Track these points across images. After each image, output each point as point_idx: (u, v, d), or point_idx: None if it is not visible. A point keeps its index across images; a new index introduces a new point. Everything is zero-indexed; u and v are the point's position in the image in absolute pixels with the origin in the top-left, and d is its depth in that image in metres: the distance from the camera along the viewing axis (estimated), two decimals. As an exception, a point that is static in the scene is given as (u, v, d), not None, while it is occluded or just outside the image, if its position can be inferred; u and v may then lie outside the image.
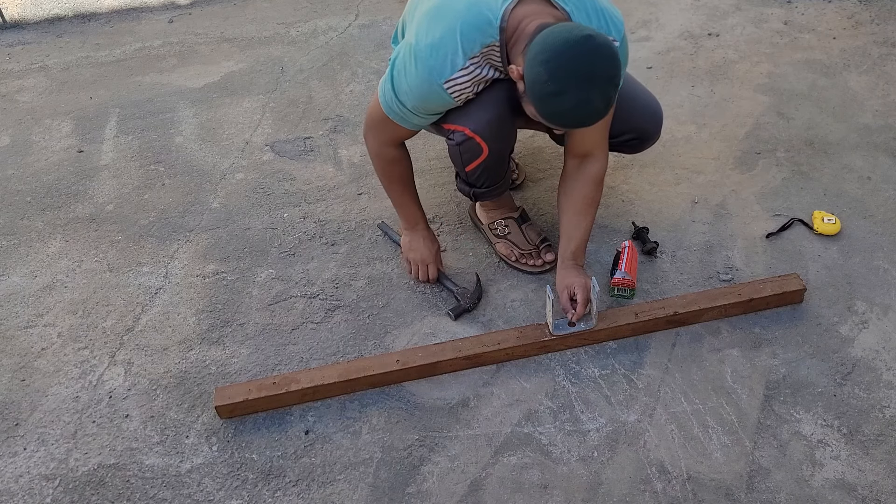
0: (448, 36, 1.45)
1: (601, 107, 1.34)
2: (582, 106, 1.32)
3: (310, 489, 1.49)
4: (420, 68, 1.48)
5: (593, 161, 1.71)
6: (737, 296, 1.74)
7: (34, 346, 1.81)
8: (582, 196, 1.73)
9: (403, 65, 1.52)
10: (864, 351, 1.69)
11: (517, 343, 1.67)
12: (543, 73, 1.31)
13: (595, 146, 1.70)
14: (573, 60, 1.29)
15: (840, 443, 1.51)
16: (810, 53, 2.72)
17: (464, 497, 1.46)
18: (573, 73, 1.29)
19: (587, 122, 1.38)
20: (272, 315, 1.85)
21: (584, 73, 1.29)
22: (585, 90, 1.31)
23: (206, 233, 2.10)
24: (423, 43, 1.47)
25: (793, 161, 2.23)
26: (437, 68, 1.47)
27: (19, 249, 2.09)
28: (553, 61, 1.29)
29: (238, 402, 1.59)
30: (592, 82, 1.30)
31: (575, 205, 1.73)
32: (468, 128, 1.59)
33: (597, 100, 1.32)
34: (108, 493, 1.50)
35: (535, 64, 1.32)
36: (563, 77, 1.30)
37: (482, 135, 1.60)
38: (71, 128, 2.58)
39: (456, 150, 1.65)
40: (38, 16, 3.34)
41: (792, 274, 1.80)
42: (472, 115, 1.58)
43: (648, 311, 1.72)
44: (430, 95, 1.52)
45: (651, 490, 1.45)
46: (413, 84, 1.51)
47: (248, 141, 2.46)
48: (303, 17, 3.22)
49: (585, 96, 1.31)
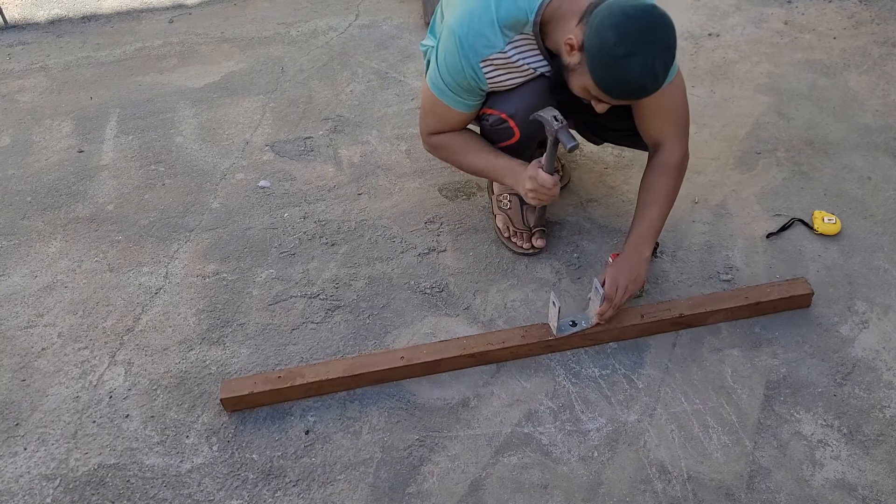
0: (485, 16, 1.50)
1: (661, 73, 1.39)
2: (647, 70, 1.37)
3: (310, 489, 1.49)
4: (456, 47, 1.54)
5: (665, 149, 1.70)
6: (743, 299, 1.73)
7: (34, 346, 1.81)
8: (652, 185, 1.71)
9: (445, 45, 1.58)
10: (864, 351, 1.69)
11: (522, 342, 1.67)
12: (612, 36, 1.35)
13: (661, 133, 1.70)
14: (641, 24, 1.35)
15: (840, 443, 1.51)
16: (810, 53, 2.72)
17: (464, 497, 1.46)
18: (641, 36, 1.35)
19: (647, 88, 1.41)
20: (272, 315, 1.85)
21: (649, 37, 1.35)
22: (651, 53, 1.36)
23: (207, 233, 2.10)
24: (461, 23, 1.53)
25: (793, 161, 2.23)
26: (475, 47, 1.53)
27: (19, 249, 2.09)
28: (622, 25, 1.35)
29: (243, 395, 1.60)
30: (656, 47, 1.36)
31: (643, 195, 1.72)
32: (506, 112, 1.65)
33: (659, 66, 1.38)
34: (109, 493, 1.50)
35: (603, 28, 1.36)
36: (631, 39, 1.35)
37: (518, 120, 1.65)
38: (71, 128, 2.58)
39: (488, 129, 1.70)
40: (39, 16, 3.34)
41: (800, 278, 1.79)
42: (512, 100, 1.63)
43: (654, 312, 1.72)
44: (466, 73, 1.57)
45: (651, 490, 1.45)
46: (451, 63, 1.57)
47: (248, 141, 2.46)
48: (303, 17, 3.22)
49: (651, 60, 1.36)
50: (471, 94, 1.64)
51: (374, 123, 2.50)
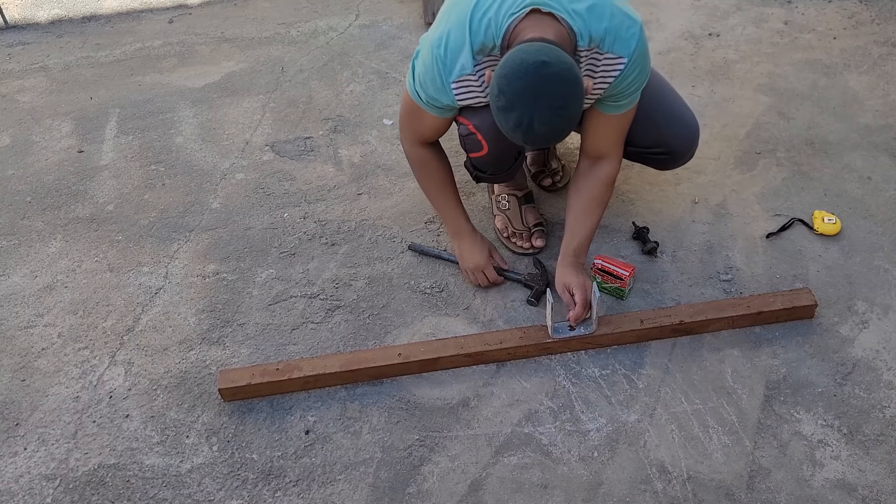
0: (460, 39, 1.50)
1: (544, 132, 1.35)
2: (524, 126, 1.34)
3: (310, 489, 1.49)
4: (432, 63, 1.54)
5: (605, 163, 1.72)
6: (745, 307, 1.72)
7: (34, 346, 1.81)
8: (590, 195, 1.74)
9: (423, 59, 1.59)
10: (864, 351, 1.69)
11: (519, 343, 1.67)
12: (495, 87, 1.35)
13: (608, 149, 1.71)
14: (523, 81, 1.31)
15: (840, 443, 1.51)
16: (811, 53, 2.72)
17: (464, 497, 1.46)
18: (520, 93, 1.32)
19: (529, 143, 1.39)
20: (272, 315, 1.85)
21: (530, 95, 1.31)
22: (528, 112, 1.33)
23: (207, 233, 2.10)
24: (439, 43, 1.53)
25: (793, 161, 2.23)
26: (449, 68, 1.52)
27: (20, 249, 2.09)
28: (504, 78, 1.33)
29: (241, 385, 1.62)
30: (536, 106, 1.32)
31: (581, 203, 1.74)
32: (472, 123, 1.65)
33: (538, 124, 1.34)
34: (109, 493, 1.50)
35: (496, 76, 1.36)
36: (509, 95, 1.33)
37: (483, 134, 1.65)
38: (71, 128, 2.58)
39: (461, 139, 1.72)
40: (39, 16, 3.34)
41: (804, 288, 1.77)
42: (480, 114, 1.63)
43: (654, 318, 1.71)
44: (438, 90, 1.57)
45: (651, 490, 1.45)
46: (427, 78, 1.58)
47: (248, 141, 2.46)
48: (303, 17, 3.22)
49: (528, 119, 1.33)
50: (442, 108, 1.64)
51: (375, 123, 2.50)
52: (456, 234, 1.87)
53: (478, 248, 1.85)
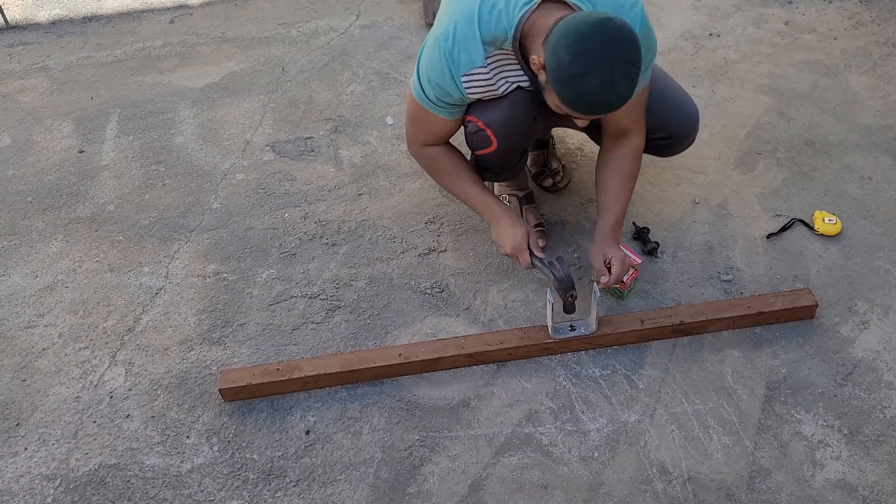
0: (469, 31, 1.49)
1: (623, 88, 1.35)
2: (606, 87, 1.33)
3: (310, 489, 1.49)
4: (440, 58, 1.53)
5: (630, 138, 1.72)
6: (746, 308, 1.72)
7: (35, 346, 1.81)
8: (620, 172, 1.73)
9: (429, 55, 1.57)
10: (864, 351, 1.69)
11: (520, 343, 1.67)
12: (566, 55, 1.33)
13: (630, 125, 1.71)
14: (595, 41, 1.31)
15: (841, 443, 1.51)
16: (811, 54, 2.72)
17: (464, 497, 1.46)
18: (595, 53, 1.31)
19: (611, 104, 1.38)
20: (273, 315, 1.85)
21: (605, 53, 1.31)
22: (608, 70, 1.32)
23: (207, 233, 2.11)
24: (445, 36, 1.52)
25: (793, 161, 2.23)
26: (458, 61, 1.52)
27: (20, 249, 2.10)
28: (575, 44, 1.32)
29: (242, 385, 1.62)
30: (614, 63, 1.32)
31: (615, 181, 1.73)
32: (482, 120, 1.64)
33: (619, 80, 1.34)
34: (109, 494, 1.50)
35: (557, 48, 1.34)
36: (585, 58, 1.32)
37: (493, 129, 1.64)
38: (72, 128, 2.58)
39: (468, 136, 1.70)
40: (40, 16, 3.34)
41: (805, 289, 1.77)
42: (489, 110, 1.62)
43: (654, 318, 1.71)
44: (448, 86, 1.56)
45: (652, 490, 1.45)
46: (434, 74, 1.56)
47: (248, 141, 2.46)
48: (304, 17, 3.22)
49: (609, 77, 1.32)
50: (452, 105, 1.63)
51: (375, 124, 2.50)
52: (493, 219, 1.77)
53: (512, 231, 1.73)
